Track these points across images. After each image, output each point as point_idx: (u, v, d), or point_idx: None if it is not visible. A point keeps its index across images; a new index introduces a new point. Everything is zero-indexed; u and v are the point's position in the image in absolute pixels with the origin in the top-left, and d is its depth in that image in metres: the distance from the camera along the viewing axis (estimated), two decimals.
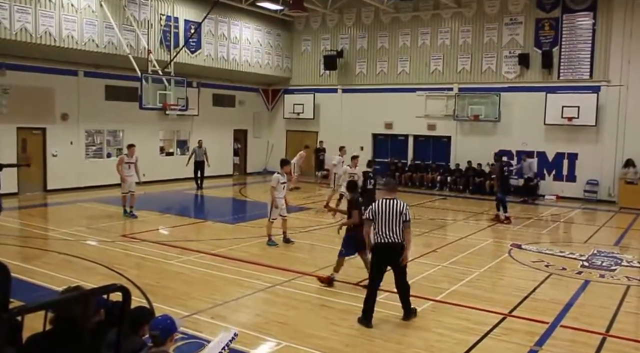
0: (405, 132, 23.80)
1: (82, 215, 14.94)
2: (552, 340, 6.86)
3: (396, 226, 7.17)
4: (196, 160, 20.76)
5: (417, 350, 6.51)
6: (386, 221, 7.18)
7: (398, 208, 7.20)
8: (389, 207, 7.22)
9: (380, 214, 7.22)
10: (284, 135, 27.01)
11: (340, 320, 7.37)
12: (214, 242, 12.08)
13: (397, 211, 7.19)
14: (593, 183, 19.99)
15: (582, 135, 20.02)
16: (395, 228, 7.17)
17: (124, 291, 2.60)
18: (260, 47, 24.59)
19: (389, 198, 7.34)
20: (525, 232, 14.49)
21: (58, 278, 8.77)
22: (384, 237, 7.20)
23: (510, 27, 21.26)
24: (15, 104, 17.37)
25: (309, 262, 10.57)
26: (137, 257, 10.63)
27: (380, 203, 7.30)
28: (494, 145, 21.21)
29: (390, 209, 7.20)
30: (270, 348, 6.52)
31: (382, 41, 24.09)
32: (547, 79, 20.59)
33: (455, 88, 22.36)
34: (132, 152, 14.59)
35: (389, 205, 7.24)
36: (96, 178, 19.37)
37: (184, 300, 8.05)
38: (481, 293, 8.83)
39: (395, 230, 7.18)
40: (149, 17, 19.15)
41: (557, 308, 8.07)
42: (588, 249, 12.16)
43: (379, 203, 7.30)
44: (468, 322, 7.44)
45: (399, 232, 7.19)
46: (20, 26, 15.61)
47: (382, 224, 7.19)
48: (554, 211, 18.09)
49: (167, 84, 18.17)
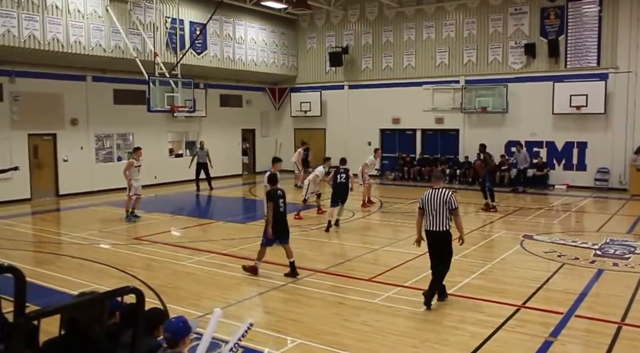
0: (413, 126, 23.74)
1: (94, 219, 15.05)
2: (567, 331, 6.83)
3: (443, 214, 7.60)
4: (198, 162, 20.71)
5: (430, 344, 6.51)
6: (433, 210, 7.63)
7: (444, 198, 7.61)
8: (436, 196, 7.65)
9: (428, 204, 7.66)
10: (292, 133, 27.03)
11: (353, 316, 7.38)
12: (225, 242, 12.13)
13: (443, 200, 7.60)
14: (604, 172, 19.86)
15: (591, 124, 19.88)
16: (442, 217, 7.60)
17: (137, 293, 2.66)
18: (265, 46, 24.63)
19: (436, 188, 7.77)
20: (536, 222, 14.43)
21: (72, 282, 8.85)
22: (432, 225, 7.66)
23: (515, 17, 21.14)
24: (25, 110, 17.53)
25: (320, 259, 10.59)
26: (149, 258, 10.69)
27: (429, 193, 7.74)
28: (503, 137, 21.17)
29: (437, 199, 7.63)
30: (283, 345, 6.54)
31: (386, 36, 24.04)
32: (554, 68, 20.46)
33: (461, 80, 22.28)
34: (139, 154, 14.66)
35: (436, 195, 7.66)
36: (107, 182, 19.49)
37: (197, 300, 8.11)
38: (494, 285, 8.81)
39: (442, 219, 7.61)
40: (155, 20, 19.22)
41: (571, 298, 8.04)
42: (601, 238, 12.10)
43: (428, 194, 7.75)
44: (481, 315, 7.43)
45: (445, 220, 7.62)
46: (29, 33, 15.73)
47: (430, 213, 7.65)
48: (564, 201, 17.98)
49: (174, 86, 18.23)
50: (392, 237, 12.48)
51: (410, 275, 9.27)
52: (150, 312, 4.25)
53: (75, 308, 3.08)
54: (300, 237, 12.72)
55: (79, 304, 3.16)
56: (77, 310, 3.07)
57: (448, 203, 7.58)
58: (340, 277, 9.25)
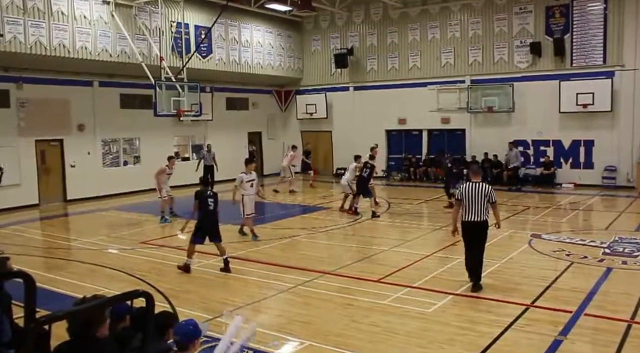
0: (419, 126, 23.71)
1: (102, 224, 15.12)
2: (577, 329, 6.81)
3: (482, 206, 8.15)
4: (205, 165, 20.75)
5: (439, 344, 6.50)
6: (472, 202, 8.14)
7: (483, 191, 8.19)
8: (475, 189, 8.20)
9: (468, 196, 8.17)
10: (298, 135, 27.04)
11: (362, 318, 7.38)
12: (234, 244, 12.13)
13: (483, 193, 8.18)
14: (611, 169, 19.77)
15: (598, 122, 19.79)
16: (480, 208, 8.14)
17: (147, 297, 2.65)
18: (271, 49, 24.68)
19: (475, 181, 8.33)
20: (544, 221, 14.38)
21: (82, 287, 8.86)
22: (472, 215, 8.15)
23: (520, 16, 21.08)
24: (32, 116, 17.64)
25: (328, 261, 10.59)
26: (157, 262, 10.74)
27: (468, 186, 8.29)
28: (509, 136, 21.11)
29: (476, 191, 8.17)
30: (293, 348, 6.55)
31: (391, 37, 24.03)
32: (560, 66, 20.38)
33: (467, 80, 22.23)
34: (172, 163, 15.39)
35: (475, 188, 8.22)
36: (114, 187, 19.59)
37: (206, 303, 8.13)
38: (502, 284, 8.79)
39: (481, 210, 8.15)
40: (160, 24, 19.29)
41: (580, 296, 8.01)
42: (609, 236, 12.03)
43: (467, 187, 8.29)
44: (490, 314, 7.42)
45: (484, 211, 8.16)
46: (35, 40, 15.82)
47: (470, 204, 8.15)
48: (572, 199, 17.90)
49: (181, 90, 18.27)
50: (400, 238, 12.46)
51: (419, 275, 9.26)
52: (160, 316, 4.28)
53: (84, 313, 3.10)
54: (307, 238, 12.76)
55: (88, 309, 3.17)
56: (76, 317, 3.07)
57: (488, 196, 8.16)
58: (349, 279, 9.25)
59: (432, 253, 10.83)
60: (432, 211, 16.21)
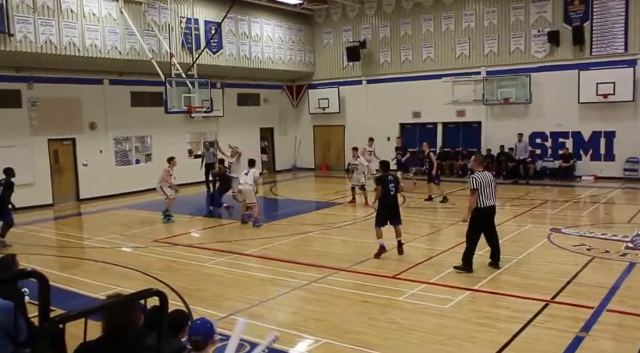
0: (434, 119, 23.41)
1: (115, 222, 15.08)
2: (599, 325, 6.62)
3: (494, 190, 8.98)
4: (206, 163, 20.24)
5: (458, 341, 6.34)
6: (488, 188, 8.86)
7: (492, 177, 9.09)
8: (487, 177, 8.96)
9: (483, 184, 8.82)
10: (311, 130, 26.89)
11: (379, 314, 7.24)
12: (247, 242, 12.04)
13: (493, 179, 9.04)
14: (633, 161, 19.32)
15: (619, 112, 19.33)
16: (494, 192, 8.97)
17: (160, 295, 2.64)
18: (282, 43, 24.49)
19: (482, 170, 9.08)
20: (564, 215, 14.10)
21: (96, 286, 8.84)
22: (488, 200, 8.85)
23: (537, 4, 20.62)
24: (44, 116, 17.63)
25: (342, 257, 10.42)
26: (170, 260, 10.65)
27: (481, 176, 8.90)
28: (527, 128, 20.78)
29: (489, 178, 8.96)
30: (308, 345, 6.43)
31: (404, 28, 23.71)
32: (579, 55, 19.91)
33: (483, 71, 21.86)
34: (174, 164, 15.27)
35: (487, 175, 9.00)
36: (127, 185, 19.55)
37: (220, 301, 8.03)
38: (521, 280, 8.59)
39: (494, 194, 8.99)
40: (169, 20, 19.19)
41: (602, 292, 7.79)
42: (632, 230, 11.74)
43: (480, 176, 8.88)
44: (509, 311, 7.24)
45: (495, 195, 9.07)
46: (45, 39, 15.78)
47: (485, 191, 8.81)
48: (592, 192, 17.52)
49: (191, 86, 18.17)
50: (415, 233, 12.24)
51: (435, 271, 9.12)
52: (174, 314, 4.30)
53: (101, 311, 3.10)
54: (320, 235, 12.61)
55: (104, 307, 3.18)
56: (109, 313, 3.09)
57: (494, 181, 9.11)
58: (364, 275, 9.09)
59: (448, 248, 10.62)
60: (447, 205, 15.95)
